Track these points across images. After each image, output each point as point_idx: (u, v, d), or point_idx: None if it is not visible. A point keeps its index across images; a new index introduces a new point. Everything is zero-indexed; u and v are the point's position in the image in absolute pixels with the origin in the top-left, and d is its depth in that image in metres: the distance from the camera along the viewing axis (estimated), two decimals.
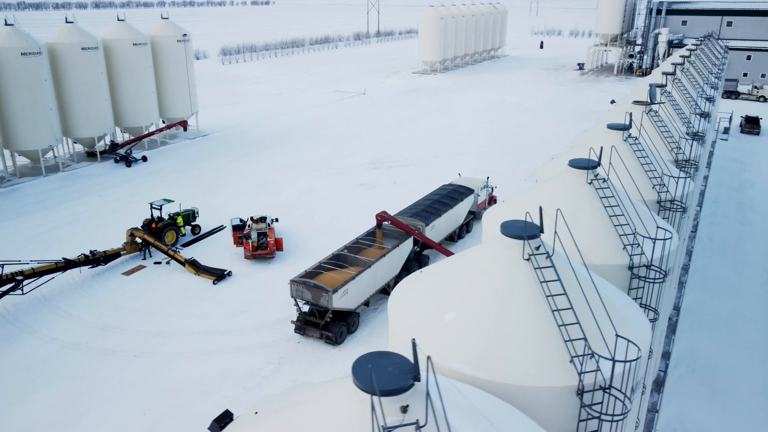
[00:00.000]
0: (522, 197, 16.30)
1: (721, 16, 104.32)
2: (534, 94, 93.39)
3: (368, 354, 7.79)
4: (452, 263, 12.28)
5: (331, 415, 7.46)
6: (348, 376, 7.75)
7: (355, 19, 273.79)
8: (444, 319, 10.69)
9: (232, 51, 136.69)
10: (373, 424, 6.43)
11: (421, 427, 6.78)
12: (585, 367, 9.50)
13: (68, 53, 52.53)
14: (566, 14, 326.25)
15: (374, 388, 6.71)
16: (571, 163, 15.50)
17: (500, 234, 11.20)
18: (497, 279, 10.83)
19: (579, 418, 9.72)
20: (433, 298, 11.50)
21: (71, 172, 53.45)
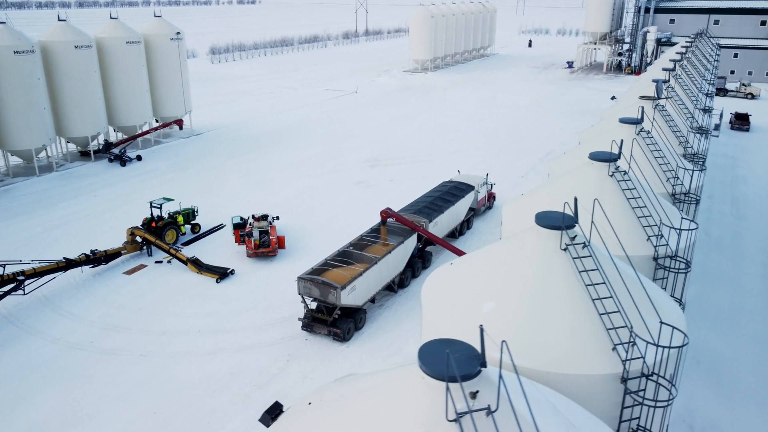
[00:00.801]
0: (541, 190, 16.42)
1: (708, 14, 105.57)
2: (525, 92, 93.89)
3: (432, 341, 7.82)
4: (483, 255, 12.35)
5: (396, 401, 7.48)
6: (409, 363, 7.76)
7: (343, 18, 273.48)
8: (483, 310, 10.73)
9: (221, 50, 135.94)
10: (447, 409, 6.45)
11: (493, 412, 6.81)
12: (630, 355, 9.59)
13: (61, 52, 51.95)
14: (552, 13, 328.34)
15: (449, 374, 6.72)
16: (592, 156, 15.63)
17: (535, 225, 11.27)
18: (535, 269, 10.92)
19: (623, 405, 9.82)
20: (467, 289, 11.56)
21: (65, 172, 52.87)
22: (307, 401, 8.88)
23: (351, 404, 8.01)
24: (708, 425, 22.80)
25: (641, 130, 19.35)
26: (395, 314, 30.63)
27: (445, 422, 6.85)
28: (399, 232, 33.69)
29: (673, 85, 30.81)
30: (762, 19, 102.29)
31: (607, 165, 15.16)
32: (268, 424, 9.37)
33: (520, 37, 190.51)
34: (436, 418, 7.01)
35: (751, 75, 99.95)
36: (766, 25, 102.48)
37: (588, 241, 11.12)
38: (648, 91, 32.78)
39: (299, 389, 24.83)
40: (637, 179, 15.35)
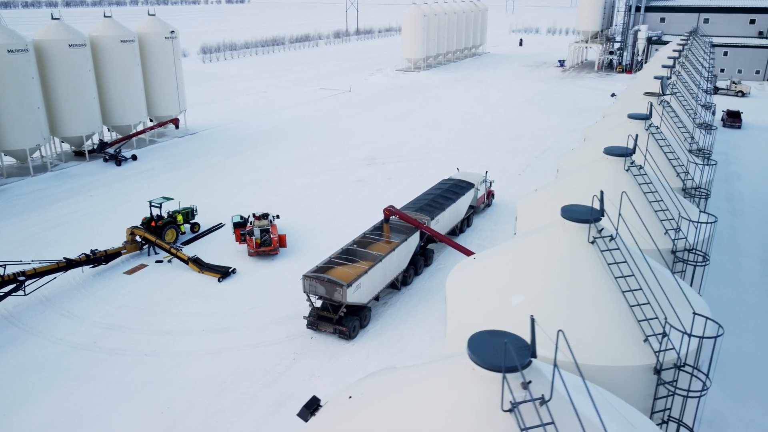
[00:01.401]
0: (556, 185, 16.48)
1: (698, 12, 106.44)
2: (518, 90, 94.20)
3: (480, 332, 7.82)
4: (508, 249, 12.37)
5: (446, 392, 7.48)
6: (457, 354, 7.76)
7: (333, 18, 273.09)
8: (512, 303, 10.74)
9: (212, 49, 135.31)
10: (503, 399, 6.45)
11: (547, 401, 6.82)
12: (663, 346, 9.65)
13: (55, 50, 51.46)
14: (541, 12, 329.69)
15: (502, 364, 6.72)
16: (607, 150, 15.70)
17: (561, 218, 11.30)
18: (562, 262, 10.96)
19: (655, 396, 9.87)
20: (494, 282, 11.57)
21: (60, 172, 52.40)
22: (347, 395, 8.84)
23: (397, 397, 7.99)
24: (715, 417, 22.99)
25: (650, 125, 19.48)
26: (399, 312, 30.62)
27: (500, 412, 6.86)
28: (402, 229, 33.70)
29: (674, 82, 31.04)
30: (751, 18, 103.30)
31: (623, 160, 15.26)
32: (306, 419, 9.31)
33: (511, 36, 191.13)
34: (490, 408, 7.02)
35: (740, 73, 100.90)
36: (755, 23, 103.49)
37: (615, 234, 11.18)
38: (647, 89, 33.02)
39: (307, 387, 24.75)
40: (654, 174, 15.44)
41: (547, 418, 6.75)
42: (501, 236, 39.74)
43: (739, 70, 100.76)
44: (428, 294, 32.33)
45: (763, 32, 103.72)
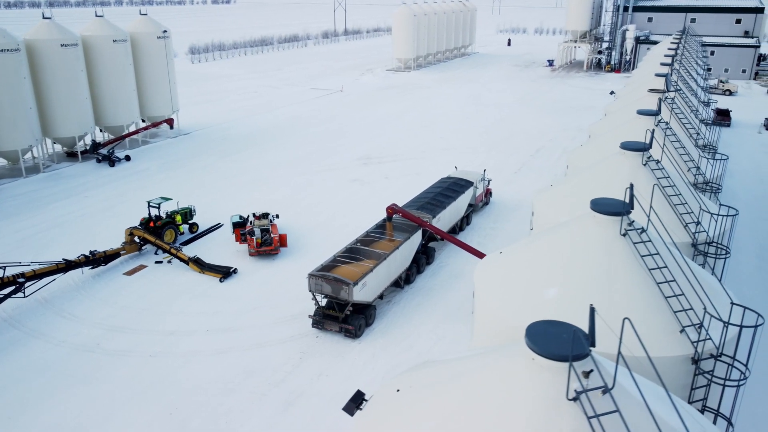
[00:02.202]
0: (573, 181, 16.56)
1: (685, 12, 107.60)
2: (509, 90, 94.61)
3: (536, 323, 7.83)
4: (534, 243, 12.41)
5: (505, 382, 7.48)
6: (512, 344, 7.76)
7: (321, 18, 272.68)
8: (546, 295, 10.78)
9: (201, 49, 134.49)
10: (568, 389, 6.46)
11: (610, 390, 6.85)
12: (701, 336, 9.73)
13: (47, 50, 50.86)
14: (527, 13, 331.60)
15: (561, 354, 6.73)
16: (624, 145, 15.82)
17: (591, 211, 11.35)
18: (595, 254, 11.02)
19: (693, 386, 9.95)
20: (523, 275, 11.60)
21: (52, 173, 51.79)
22: (393, 388, 8.81)
23: (451, 388, 7.97)
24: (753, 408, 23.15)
25: (660, 121, 19.66)
26: (404, 310, 30.62)
27: (564, 401, 6.87)
28: (404, 228, 33.70)
29: (675, 80, 31.34)
30: (737, 18, 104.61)
31: (641, 154, 15.37)
32: (352, 413, 9.27)
33: (499, 36, 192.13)
34: (554, 398, 7.04)
35: (727, 72, 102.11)
36: (740, 23, 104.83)
37: (646, 226, 11.26)
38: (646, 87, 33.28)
39: (316, 386, 24.67)
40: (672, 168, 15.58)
41: (612, 407, 6.79)
42: (500, 234, 39.88)
43: (725, 69, 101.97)
44: (431, 292, 32.36)
45: (748, 32, 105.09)
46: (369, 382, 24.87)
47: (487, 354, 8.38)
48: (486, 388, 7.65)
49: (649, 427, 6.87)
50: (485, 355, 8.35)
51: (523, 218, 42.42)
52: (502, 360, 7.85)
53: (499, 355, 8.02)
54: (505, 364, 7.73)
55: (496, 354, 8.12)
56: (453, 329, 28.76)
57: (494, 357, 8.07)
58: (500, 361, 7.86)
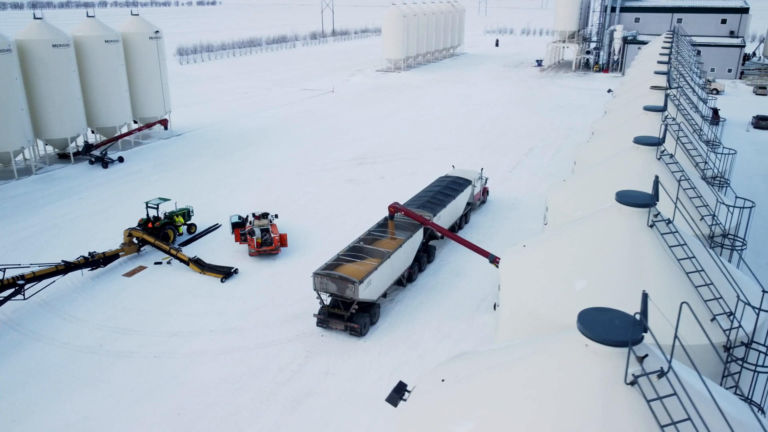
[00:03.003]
0: (586, 175, 16.71)
1: (672, 13, 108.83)
2: (499, 90, 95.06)
3: (587, 309, 7.91)
4: (557, 236, 12.52)
5: (559, 369, 7.55)
6: (562, 332, 7.83)
7: (307, 19, 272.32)
8: (575, 287, 10.88)
9: (189, 51, 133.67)
10: (627, 373, 6.55)
11: (665, 373, 6.95)
12: (732, 324, 9.88)
13: (39, 51, 50.33)
14: (513, 14, 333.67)
15: (614, 339, 6.82)
16: (637, 140, 15.99)
17: (617, 204, 11.48)
18: (623, 245, 11.15)
19: (724, 373, 10.10)
20: (550, 267, 11.70)
21: (45, 175, 51.24)
22: (436, 379, 8.84)
23: (501, 377, 8.03)
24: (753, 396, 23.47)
25: (667, 116, 19.89)
26: (407, 308, 30.67)
27: (622, 385, 6.96)
28: (405, 226, 33.77)
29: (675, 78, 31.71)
30: (722, 18, 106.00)
31: (655, 149, 15.56)
32: (396, 404, 9.29)
33: (486, 36, 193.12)
34: (611, 382, 7.13)
35: (713, 71, 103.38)
36: (726, 23, 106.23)
37: (672, 218, 11.41)
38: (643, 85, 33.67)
39: (323, 385, 24.65)
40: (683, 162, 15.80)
41: (668, 390, 6.90)
42: (499, 232, 40.08)
43: (712, 68, 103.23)
44: (433, 290, 32.45)
45: (734, 32, 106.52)
46: (377, 380, 24.90)
47: (535, 342, 8.46)
48: (539, 375, 7.72)
49: (702, 410, 6.98)
50: (533, 344, 8.42)
51: (521, 216, 42.68)
52: (553, 347, 7.93)
53: (550, 342, 8.10)
54: (558, 351, 7.81)
55: (547, 341, 8.20)
56: (457, 327, 28.87)
57: (544, 344, 8.14)
58: (552, 348, 7.94)
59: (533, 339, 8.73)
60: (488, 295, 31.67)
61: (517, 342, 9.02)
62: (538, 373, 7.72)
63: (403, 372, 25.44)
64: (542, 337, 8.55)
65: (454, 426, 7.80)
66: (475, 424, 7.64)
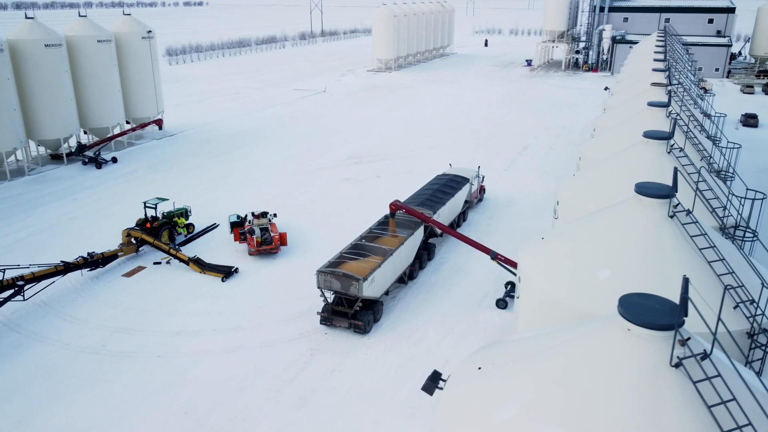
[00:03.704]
0: (597, 170, 16.89)
1: (659, 12, 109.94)
2: (490, 89, 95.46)
3: (627, 295, 8.04)
4: (577, 227, 12.66)
5: (600, 353, 7.66)
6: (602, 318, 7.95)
7: (296, 19, 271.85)
8: (599, 276, 11.02)
9: (178, 51, 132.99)
10: (672, 356, 6.67)
11: (708, 356, 7.09)
12: (756, 311, 10.06)
13: (31, 50, 49.86)
14: (501, 14, 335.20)
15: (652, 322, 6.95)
16: (647, 134, 16.19)
17: (637, 195, 11.64)
18: (645, 236, 11.30)
19: (748, 359, 10.27)
20: (572, 259, 11.83)
21: (38, 176, 50.78)
22: (472, 367, 8.93)
23: (543, 363, 8.12)
24: None
25: (671, 112, 20.15)
26: (409, 305, 30.75)
27: (667, 368, 7.09)
28: (406, 224, 33.87)
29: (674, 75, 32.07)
30: (709, 18, 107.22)
31: (665, 142, 15.77)
32: (432, 392, 9.36)
33: (475, 37, 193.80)
34: (655, 365, 7.26)
35: (701, 70, 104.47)
36: (713, 23, 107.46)
37: (692, 209, 11.59)
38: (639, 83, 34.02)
39: (329, 382, 24.66)
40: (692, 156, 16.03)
41: (712, 372, 7.04)
42: (497, 229, 40.29)
43: (699, 67, 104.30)
44: (435, 287, 32.56)
45: (720, 31, 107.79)
46: (383, 377, 24.97)
47: (574, 328, 8.57)
48: (581, 359, 7.84)
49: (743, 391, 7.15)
50: (572, 330, 8.53)
51: (518, 214, 42.94)
52: (594, 333, 8.04)
53: (591, 328, 8.21)
54: (599, 336, 7.93)
55: (587, 327, 8.31)
56: (460, 323, 29.00)
57: (585, 330, 8.25)
58: (592, 333, 8.06)
59: (570, 326, 8.85)
60: (489, 292, 31.84)
61: (553, 330, 9.14)
62: (581, 358, 7.84)
63: (409, 369, 25.54)
64: (580, 323, 8.67)
65: (500, 411, 7.89)
66: (521, 408, 7.74)
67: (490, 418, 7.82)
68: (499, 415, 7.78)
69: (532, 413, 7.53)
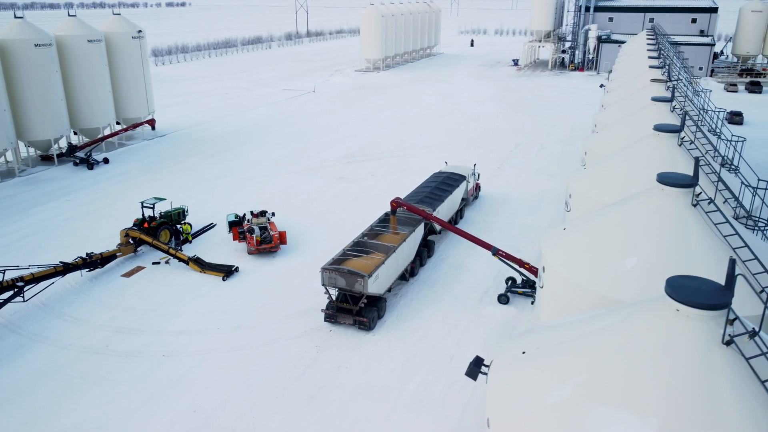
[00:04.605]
0: (608, 162, 17.16)
1: (644, 12, 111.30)
2: (478, 89, 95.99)
3: (673, 277, 8.23)
4: (599, 217, 12.88)
5: (649, 334, 7.85)
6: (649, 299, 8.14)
7: (280, 20, 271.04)
8: (626, 265, 11.24)
9: (164, 52, 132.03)
10: (724, 334, 6.88)
11: (757, 333, 7.31)
12: None
13: (20, 50, 49.27)
14: (484, 15, 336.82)
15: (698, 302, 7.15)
16: (657, 127, 16.48)
17: (660, 185, 11.88)
18: (669, 224, 11.53)
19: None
20: (597, 248, 12.04)
21: (28, 177, 50.21)
22: (515, 351, 9.08)
23: (591, 345, 8.30)
24: None
25: (675, 107, 20.52)
26: (412, 302, 30.90)
27: (718, 346, 7.29)
28: (406, 221, 34.01)
29: None
30: (692, 17, 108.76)
31: (676, 135, 16.09)
32: (475, 377, 9.50)
33: (460, 37, 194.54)
34: (707, 343, 7.47)
35: (692, 68, 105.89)
36: (696, 22, 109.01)
37: (714, 197, 11.87)
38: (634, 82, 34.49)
39: (337, 379, 24.72)
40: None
41: (764, 348, 7.27)
42: (494, 227, 40.57)
43: (691, 66, 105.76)
44: (436, 284, 32.74)
45: (704, 30, 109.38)
46: (389, 373, 25.08)
47: (619, 311, 8.76)
48: (631, 340, 8.03)
49: None
50: (618, 313, 8.72)
51: (513, 211, 43.28)
52: (642, 314, 8.24)
53: (637, 310, 8.41)
54: (648, 317, 8.13)
55: (633, 310, 8.51)
56: (463, 318, 29.20)
57: (631, 312, 8.45)
58: (640, 315, 8.25)
59: (614, 309, 9.05)
60: (490, 288, 32.08)
61: (594, 314, 9.34)
62: (631, 339, 8.04)
63: (415, 364, 25.68)
64: (625, 306, 8.87)
65: (554, 391, 8.05)
66: (576, 388, 7.90)
67: (545, 399, 7.98)
68: (554, 396, 7.95)
69: (588, 392, 7.71)
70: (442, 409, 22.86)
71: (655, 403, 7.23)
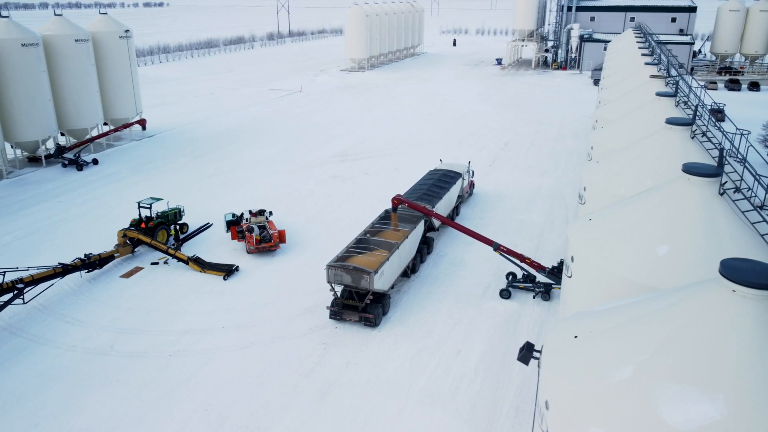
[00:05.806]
0: (622, 156, 17.51)
1: (625, 12, 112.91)
2: (464, 88, 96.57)
3: (726, 259, 8.52)
4: (625, 207, 13.18)
5: (707, 314, 8.10)
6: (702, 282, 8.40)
7: (260, 20, 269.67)
8: (657, 252, 11.54)
9: (146, 52, 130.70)
10: None
11: None
12: None
13: (7, 50, 48.49)
14: (463, 15, 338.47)
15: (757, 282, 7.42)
16: (669, 121, 16.87)
17: (686, 175, 12.21)
18: (697, 213, 11.85)
19: None
20: (625, 237, 12.33)
21: (17, 179, 49.44)
22: (567, 336, 9.29)
23: (647, 328, 8.53)
24: None
25: (679, 102, 20.99)
26: (415, 298, 31.10)
27: None
28: (407, 218, 34.21)
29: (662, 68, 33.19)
30: (672, 16, 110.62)
31: (689, 128, 16.49)
32: (527, 362, 9.70)
33: (442, 36, 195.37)
34: (766, 321, 7.74)
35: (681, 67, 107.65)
36: (676, 21, 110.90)
37: (739, 186, 12.24)
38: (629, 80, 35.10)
39: (346, 375, 24.81)
40: None
41: None
42: (490, 223, 40.94)
43: (681, 64, 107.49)
44: (437, 280, 32.99)
45: (683, 30, 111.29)
46: (398, 368, 25.24)
47: (670, 294, 9.02)
48: (689, 320, 8.29)
49: None
50: (669, 295, 8.98)
51: (508, 207, 43.70)
52: (697, 296, 8.51)
53: (691, 291, 8.68)
54: (704, 298, 8.40)
55: (686, 291, 8.78)
56: (467, 313, 29.48)
57: (685, 294, 8.72)
58: (695, 296, 8.53)
59: (665, 292, 9.32)
60: (492, 283, 32.40)
61: (644, 298, 9.60)
62: (689, 319, 8.30)
63: (423, 359, 25.87)
64: (677, 289, 9.14)
65: (615, 372, 8.28)
66: (638, 368, 8.15)
67: (606, 380, 8.21)
68: (615, 376, 8.18)
69: (651, 372, 7.95)
70: (453, 402, 23.09)
71: (720, 379, 7.51)
